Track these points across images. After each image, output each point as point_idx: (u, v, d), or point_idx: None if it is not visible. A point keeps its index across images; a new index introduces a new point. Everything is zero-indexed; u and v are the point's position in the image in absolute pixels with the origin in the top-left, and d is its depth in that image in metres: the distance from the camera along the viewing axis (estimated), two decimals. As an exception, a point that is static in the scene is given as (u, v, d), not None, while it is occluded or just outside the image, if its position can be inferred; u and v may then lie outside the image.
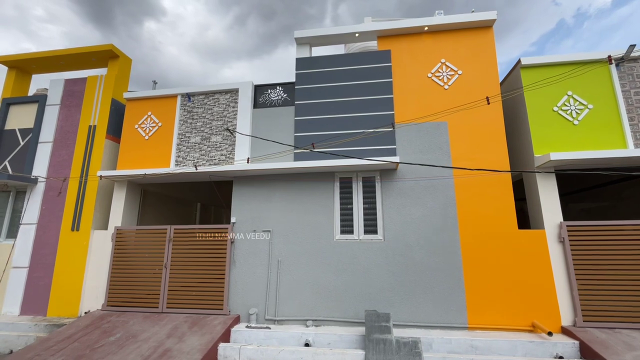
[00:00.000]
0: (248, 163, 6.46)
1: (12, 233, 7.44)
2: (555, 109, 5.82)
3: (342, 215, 6.15)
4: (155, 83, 9.21)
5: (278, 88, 7.05)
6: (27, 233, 7.16)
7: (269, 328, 5.50)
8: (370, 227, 6.00)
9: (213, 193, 9.90)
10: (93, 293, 6.69)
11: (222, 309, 5.99)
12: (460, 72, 6.30)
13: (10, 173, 7.40)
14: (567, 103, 5.81)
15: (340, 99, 6.54)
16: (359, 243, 5.93)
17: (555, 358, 4.57)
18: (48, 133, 7.70)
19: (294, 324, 5.73)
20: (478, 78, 6.20)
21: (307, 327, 5.57)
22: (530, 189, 5.94)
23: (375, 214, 6.02)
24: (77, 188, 7.23)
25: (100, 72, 8.27)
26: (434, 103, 6.23)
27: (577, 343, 4.64)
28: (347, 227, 6.08)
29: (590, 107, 5.72)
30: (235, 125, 6.91)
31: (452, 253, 5.62)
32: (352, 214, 6.11)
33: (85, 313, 6.51)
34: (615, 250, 5.16)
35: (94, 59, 8.27)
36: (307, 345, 5.13)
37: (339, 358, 4.78)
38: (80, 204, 7.13)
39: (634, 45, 5.59)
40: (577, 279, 5.17)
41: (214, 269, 6.24)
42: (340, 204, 6.20)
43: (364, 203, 6.13)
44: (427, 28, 6.52)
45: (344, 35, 7.02)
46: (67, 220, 7.09)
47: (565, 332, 4.98)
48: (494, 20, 6.31)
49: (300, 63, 6.89)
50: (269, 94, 7.06)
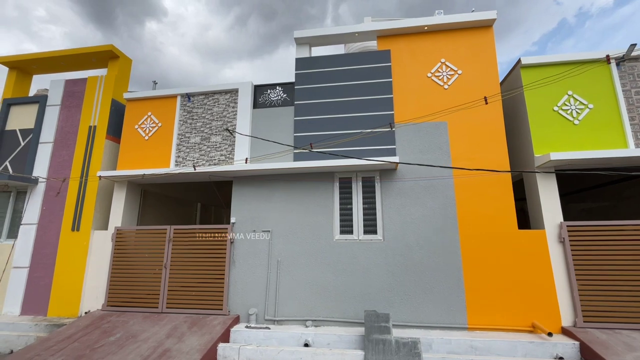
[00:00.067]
0: (246, 163, 6.47)
1: (12, 233, 7.46)
2: (556, 109, 5.80)
3: (341, 216, 6.14)
4: (156, 83, 9.21)
5: (278, 88, 7.04)
6: (27, 233, 7.18)
7: (269, 328, 5.50)
8: (370, 227, 5.99)
9: (213, 193, 9.92)
10: (93, 293, 6.70)
11: (221, 309, 5.99)
12: (460, 71, 6.28)
13: (11, 173, 7.42)
14: (567, 103, 5.79)
15: (340, 99, 6.54)
16: (359, 243, 5.93)
17: (555, 359, 4.55)
18: (48, 133, 7.72)
19: (294, 324, 5.72)
20: (478, 78, 6.18)
21: (306, 327, 5.57)
22: (531, 189, 5.92)
23: (375, 214, 6.01)
24: (77, 188, 7.24)
25: (101, 72, 8.30)
26: (434, 103, 6.22)
27: (577, 344, 4.63)
28: (346, 227, 6.07)
29: (591, 106, 5.70)
30: (235, 126, 6.92)
31: (451, 253, 5.61)
32: (351, 214, 6.10)
33: (86, 313, 6.52)
34: (616, 251, 5.13)
35: (94, 60, 8.29)
36: (306, 346, 5.12)
37: (339, 358, 4.77)
38: (81, 204, 7.15)
39: (635, 45, 5.56)
40: (577, 279, 5.15)
41: (214, 269, 6.25)
42: (340, 204, 6.19)
43: (364, 203, 6.12)
44: (426, 28, 6.51)
45: (344, 35, 7.01)
46: (67, 221, 7.11)
47: (566, 332, 4.97)
48: (494, 20, 6.29)
49: (300, 63, 6.89)
50: (269, 94, 7.06)
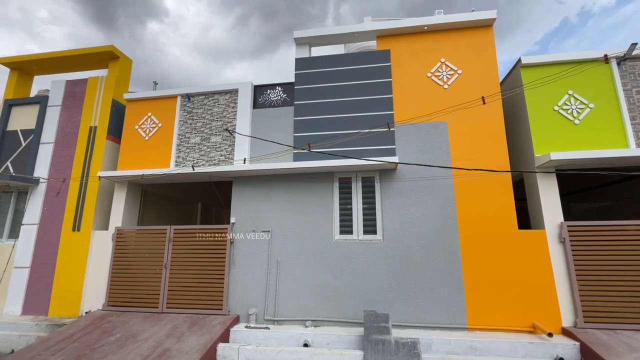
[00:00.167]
0: (245, 163, 6.47)
1: (14, 233, 7.49)
2: (556, 109, 5.78)
3: (341, 216, 6.13)
4: (156, 84, 9.23)
5: (277, 88, 7.04)
6: (28, 233, 7.21)
7: (268, 328, 5.50)
8: (370, 227, 5.99)
9: (213, 193, 9.93)
10: (94, 293, 6.72)
11: (221, 309, 5.99)
12: (460, 71, 6.27)
13: (12, 174, 7.45)
14: (567, 102, 5.77)
15: (340, 99, 6.53)
16: (358, 243, 5.92)
17: (556, 359, 4.53)
18: (49, 134, 7.75)
19: (293, 324, 5.72)
20: (478, 77, 6.17)
21: (306, 327, 5.56)
22: (531, 189, 5.90)
23: (375, 214, 6.01)
24: (78, 189, 7.27)
25: (102, 73, 8.32)
26: (434, 103, 6.21)
27: (577, 344, 4.60)
28: (346, 227, 6.07)
29: (592, 106, 5.68)
30: (235, 126, 6.92)
31: (451, 253, 5.60)
32: (351, 214, 6.10)
33: (86, 313, 6.54)
34: (617, 251, 5.11)
35: (95, 60, 8.31)
36: (306, 346, 5.12)
37: (338, 358, 4.77)
38: (81, 205, 7.17)
39: (636, 44, 5.53)
40: (577, 280, 5.13)
41: (214, 269, 6.25)
42: (340, 204, 6.19)
43: (364, 203, 6.11)
44: (426, 27, 6.50)
45: (344, 35, 7.01)
46: (68, 221, 7.13)
47: (566, 333, 4.95)
48: (494, 20, 6.27)
49: (300, 63, 6.88)
50: (269, 94, 7.06)
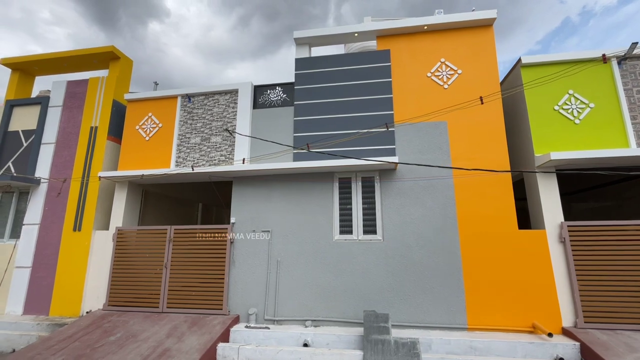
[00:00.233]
0: (243, 164, 6.48)
1: (15, 233, 7.52)
2: (556, 108, 5.77)
3: (341, 216, 6.14)
4: (157, 84, 9.25)
5: (277, 88, 7.05)
6: (29, 233, 7.24)
7: (268, 328, 5.51)
8: (370, 227, 5.99)
9: (214, 193, 9.94)
10: (94, 293, 6.74)
11: (221, 309, 6.01)
12: (460, 71, 6.26)
13: (14, 174, 7.48)
14: (568, 102, 5.75)
15: (340, 99, 6.53)
16: (358, 243, 5.92)
17: (556, 359, 4.53)
18: (51, 134, 7.78)
19: (293, 324, 5.73)
20: (478, 77, 6.16)
21: (306, 327, 5.57)
22: (531, 189, 5.89)
23: (375, 214, 6.01)
24: (78, 189, 7.29)
25: (103, 73, 8.35)
26: (434, 102, 6.20)
27: (577, 344, 4.60)
28: (346, 227, 6.07)
29: (592, 106, 5.66)
30: (235, 126, 6.93)
31: (451, 253, 5.59)
32: (351, 214, 6.10)
33: (87, 313, 6.56)
34: (617, 251, 5.10)
35: (96, 61, 8.34)
36: (305, 346, 5.13)
37: (337, 358, 4.78)
38: (82, 205, 7.20)
39: (636, 43, 5.51)
40: (578, 280, 5.12)
41: (214, 269, 6.26)
42: (340, 204, 6.19)
43: (363, 203, 6.11)
44: (426, 27, 6.49)
45: (343, 35, 7.01)
46: (69, 221, 7.16)
47: (566, 333, 4.94)
48: (494, 19, 6.26)
49: (300, 63, 6.89)
50: (269, 95, 7.07)
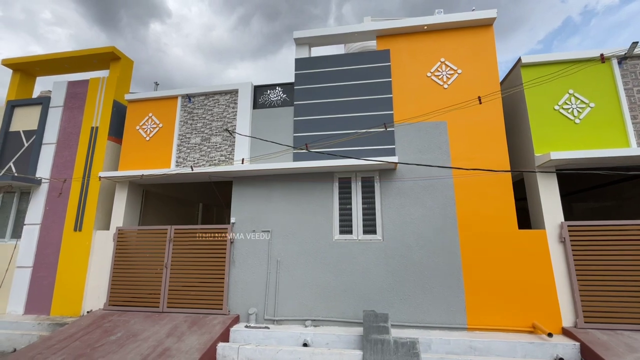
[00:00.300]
0: (242, 164, 6.48)
1: (16, 233, 7.55)
2: (557, 108, 5.76)
3: (341, 216, 6.14)
4: (157, 84, 9.28)
5: (277, 88, 7.06)
6: (31, 233, 7.26)
7: (268, 328, 5.52)
8: (369, 227, 5.99)
9: (214, 193, 9.95)
10: (95, 292, 6.76)
11: (221, 309, 6.02)
12: (460, 71, 6.25)
13: (15, 174, 7.51)
14: (568, 102, 5.74)
15: (340, 99, 6.54)
16: (358, 243, 5.92)
17: (556, 359, 4.52)
18: (51, 134, 7.80)
19: (293, 324, 5.74)
20: (478, 77, 6.15)
21: (305, 327, 5.57)
22: (531, 189, 5.88)
23: (374, 214, 6.01)
24: (79, 189, 7.31)
25: (103, 74, 8.37)
26: (434, 102, 6.20)
27: (577, 344, 4.59)
28: (346, 227, 6.07)
29: (592, 105, 5.65)
30: (235, 126, 6.94)
31: (451, 253, 5.59)
32: (351, 214, 6.10)
33: (88, 312, 6.58)
34: (617, 251, 5.08)
35: (96, 61, 8.36)
36: (305, 345, 5.13)
37: (337, 358, 4.78)
38: (83, 205, 7.22)
39: (637, 43, 5.49)
40: (578, 280, 5.11)
41: (214, 269, 6.27)
42: (340, 204, 6.19)
43: (363, 203, 6.11)
44: (426, 27, 6.49)
45: (343, 35, 7.01)
46: (69, 221, 7.18)
47: (566, 333, 4.93)
48: (494, 19, 6.25)
49: (299, 63, 6.89)
50: (269, 95, 7.08)
